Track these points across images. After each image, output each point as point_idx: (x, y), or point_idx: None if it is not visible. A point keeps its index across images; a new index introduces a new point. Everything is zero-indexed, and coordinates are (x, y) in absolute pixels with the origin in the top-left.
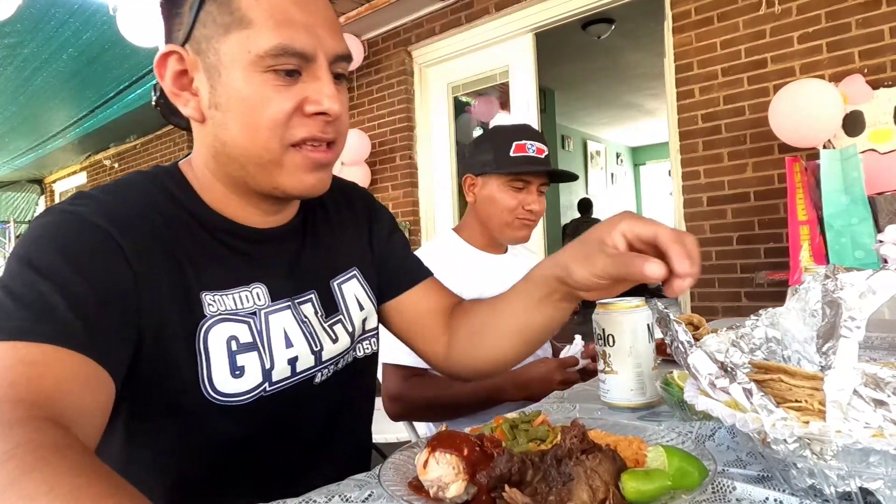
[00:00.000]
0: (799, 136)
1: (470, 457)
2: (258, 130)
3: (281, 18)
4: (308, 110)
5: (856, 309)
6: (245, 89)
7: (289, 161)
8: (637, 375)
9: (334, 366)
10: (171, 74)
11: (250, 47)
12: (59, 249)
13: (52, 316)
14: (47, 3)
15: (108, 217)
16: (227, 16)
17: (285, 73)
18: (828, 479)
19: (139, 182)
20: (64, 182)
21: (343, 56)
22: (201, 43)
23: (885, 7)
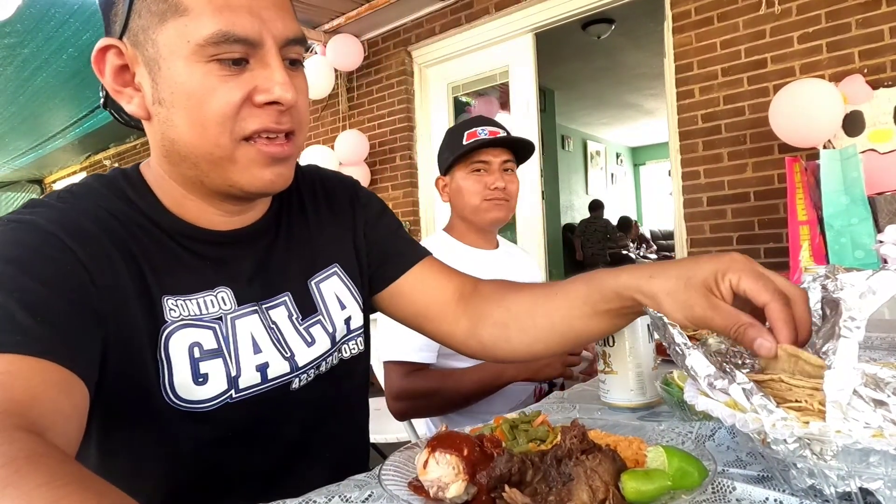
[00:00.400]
0: (799, 136)
1: (470, 457)
2: (206, 125)
3: (220, 2)
4: (258, 100)
5: (856, 309)
6: (188, 82)
7: (241, 156)
8: (637, 376)
9: (315, 370)
10: (110, 70)
11: (189, 36)
12: (11, 259)
13: (12, 325)
14: (47, 3)
15: (59, 224)
16: (162, 3)
17: (231, 62)
18: (828, 479)
19: (94, 188)
20: (64, 182)
21: (295, 39)
22: (138, 35)
23: (885, 7)
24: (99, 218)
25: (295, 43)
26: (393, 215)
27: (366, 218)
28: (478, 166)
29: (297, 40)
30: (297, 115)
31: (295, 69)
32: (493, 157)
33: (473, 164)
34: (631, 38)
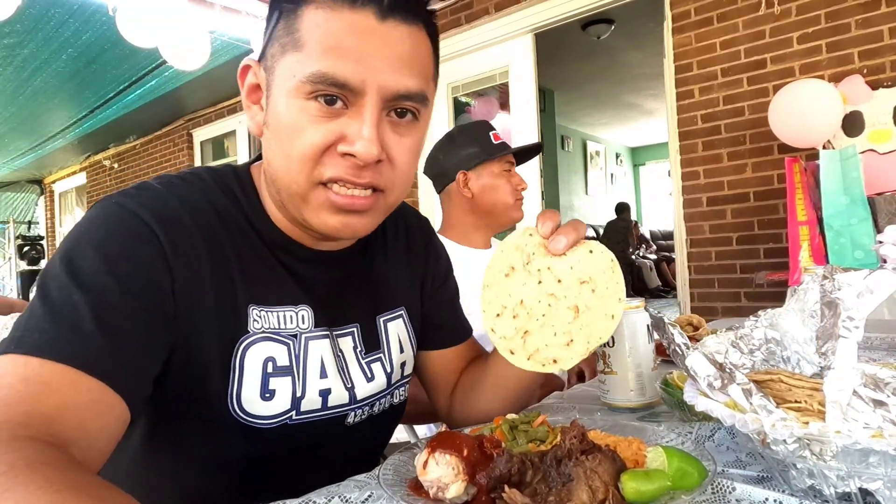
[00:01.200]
0: (798, 136)
1: (470, 457)
2: (290, 160)
3: (331, 45)
4: (340, 149)
5: (854, 309)
6: (284, 114)
7: (313, 198)
8: (637, 376)
9: (369, 408)
10: (247, 87)
11: (295, 71)
12: (100, 255)
13: (77, 334)
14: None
15: (158, 216)
16: (287, 36)
17: (325, 101)
18: (827, 479)
19: (205, 179)
20: (63, 182)
21: (407, 95)
22: (269, 60)
23: (885, 7)
24: (201, 212)
25: (406, 98)
26: (454, 279)
27: (435, 273)
28: (507, 167)
29: (411, 96)
30: (388, 172)
31: (403, 125)
32: (512, 158)
33: (504, 165)
34: (631, 38)
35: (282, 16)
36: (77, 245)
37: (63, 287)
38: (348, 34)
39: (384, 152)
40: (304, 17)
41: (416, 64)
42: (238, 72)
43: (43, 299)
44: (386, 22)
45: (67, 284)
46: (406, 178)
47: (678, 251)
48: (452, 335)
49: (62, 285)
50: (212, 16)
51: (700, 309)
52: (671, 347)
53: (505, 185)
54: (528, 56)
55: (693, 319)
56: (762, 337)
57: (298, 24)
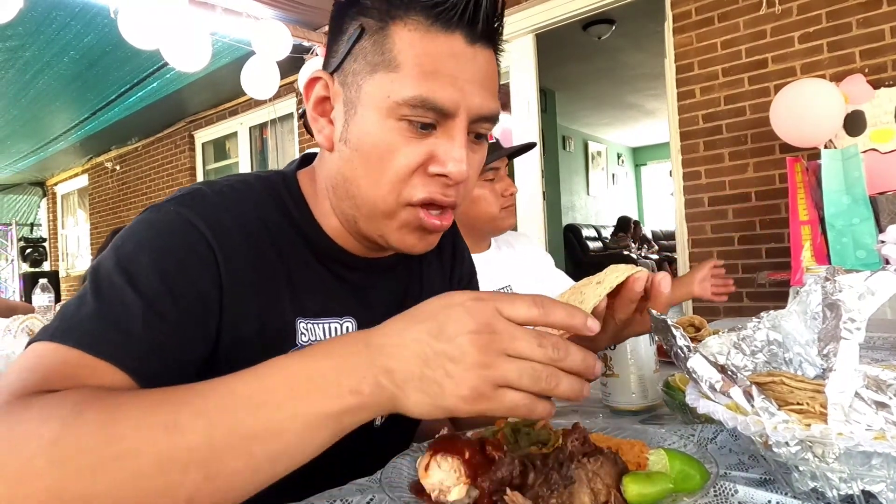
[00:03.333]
0: (800, 135)
1: (471, 460)
2: (381, 178)
3: (429, 69)
4: (431, 170)
5: (855, 310)
6: (375, 133)
7: (402, 217)
8: (639, 378)
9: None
10: (314, 98)
11: (391, 92)
12: (156, 261)
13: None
14: (48, 6)
15: (214, 228)
16: (379, 55)
17: (420, 125)
18: (830, 482)
19: (255, 189)
20: (66, 184)
21: (488, 117)
22: (348, 76)
23: (886, 7)
24: (251, 225)
25: (486, 120)
26: (477, 281)
27: (461, 274)
28: (490, 175)
29: (490, 118)
30: (463, 189)
31: (478, 144)
32: (500, 163)
33: (486, 173)
34: (631, 38)
35: (365, 32)
36: (133, 247)
37: (116, 287)
38: (445, 58)
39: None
40: (395, 37)
41: (493, 86)
42: (305, 83)
43: (95, 294)
44: (474, 46)
45: (121, 285)
46: (470, 192)
47: (680, 251)
48: None
49: (115, 285)
50: (213, 18)
51: (702, 309)
52: (673, 349)
53: (488, 196)
54: (528, 56)
55: (695, 320)
56: (764, 339)
57: (390, 44)
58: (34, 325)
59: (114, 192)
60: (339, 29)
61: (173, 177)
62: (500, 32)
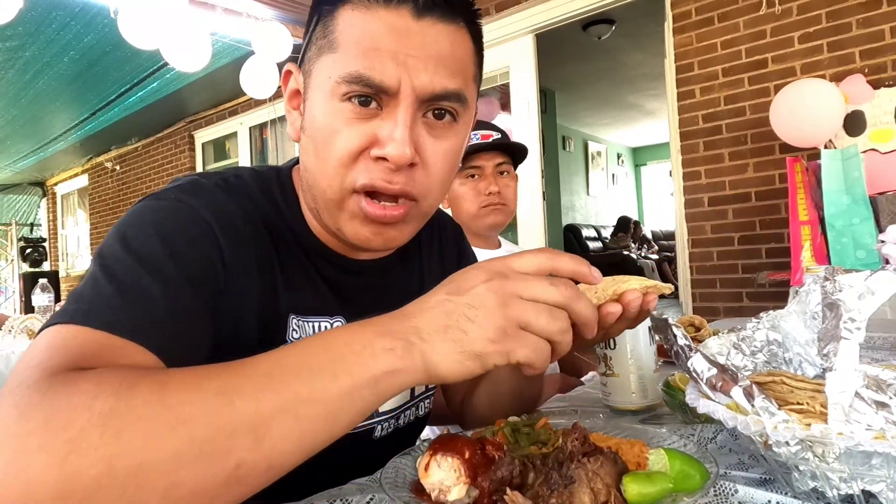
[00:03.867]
0: (800, 136)
1: (471, 460)
2: (326, 164)
3: (367, 45)
4: (373, 153)
5: (855, 310)
6: (320, 117)
7: (347, 207)
8: (638, 378)
9: (395, 420)
10: (289, 92)
11: (331, 72)
12: (161, 238)
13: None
14: (48, 6)
15: (216, 215)
16: (324, 38)
17: (359, 103)
18: (830, 481)
19: (249, 185)
20: (65, 184)
21: (443, 95)
22: (306, 64)
23: (886, 7)
24: (250, 218)
25: (443, 98)
26: None
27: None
28: (472, 171)
29: (447, 95)
30: (422, 178)
31: (440, 127)
32: (485, 161)
33: (467, 170)
34: (631, 38)
35: (320, 19)
36: (141, 231)
37: (130, 269)
38: (384, 34)
39: (418, 155)
40: (339, 18)
41: (453, 63)
42: (281, 77)
43: (109, 278)
44: (422, 20)
45: (136, 268)
46: (442, 184)
47: (679, 251)
48: None
49: (129, 267)
50: (213, 18)
51: (702, 309)
52: (673, 349)
53: (468, 193)
54: (528, 56)
55: (695, 320)
56: (764, 339)
57: (334, 25)
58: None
59: (114, 192)
60: (307, 21)
61: (173, 177)
62: (460, 5)
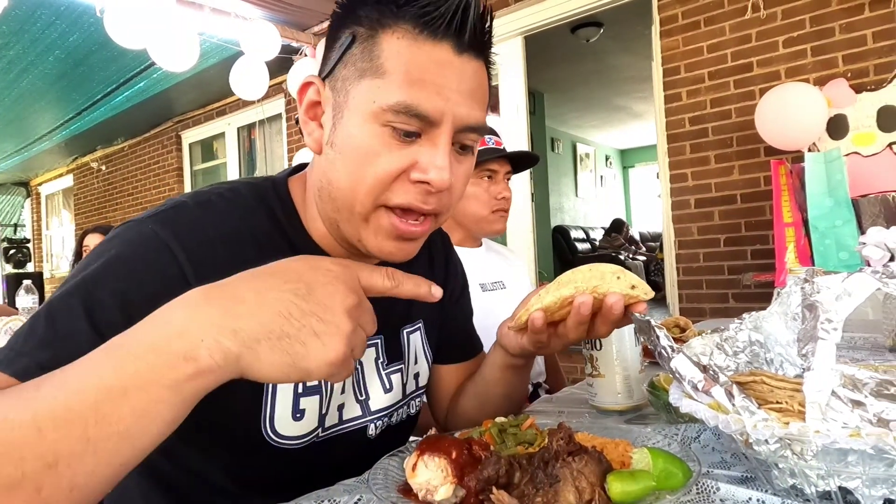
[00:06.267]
0: (784, 139)
1: (458, 460)
2: (360, 182)
3: (415, 76)
4: (413, 177)
5: (832, 311)
6: (358, 137)
7: (374, 220)
8: (624, 379)
9: (388, 419)
10: (306, 102)
11: (376, 97)
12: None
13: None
14: (33, 4)
15: (185, 244)
16: (367, 62)
17: (403, 133)
18: (808, 478)
19: (243, 195)
20: (50, 185)
21: (474, 127)
22: (338, 82)
23: (868, 12)
24: (235, 237)
25: (472, 130)
26: (469, 295)
27: (453, 287)
28: (487, 173)
29: (476, 128)
30: (446, 198)
31: (463, 154)
32: (499, 166)
33: (483, 172)
34: (619, 41)
35: (356, 39)
36: (98, 273)
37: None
38: (430, 66)
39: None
40: (384, 44)
41: (482, 97)
42: (298, 87)
43: (48, 320)
44: (462, 56)
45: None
46: (456, 202)
47: (667, 252)
48: (465, 351)
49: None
50: (201, 17)
51: (688, 310)
52: (657, 350)
53: (482, 195)
54: (517, 58)
55: (680, 321)
56: (746, 339)
57: (378, 51)
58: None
59: (99, 192)
60: (334, 37)
61: (160, 177)
62: (489, 44)
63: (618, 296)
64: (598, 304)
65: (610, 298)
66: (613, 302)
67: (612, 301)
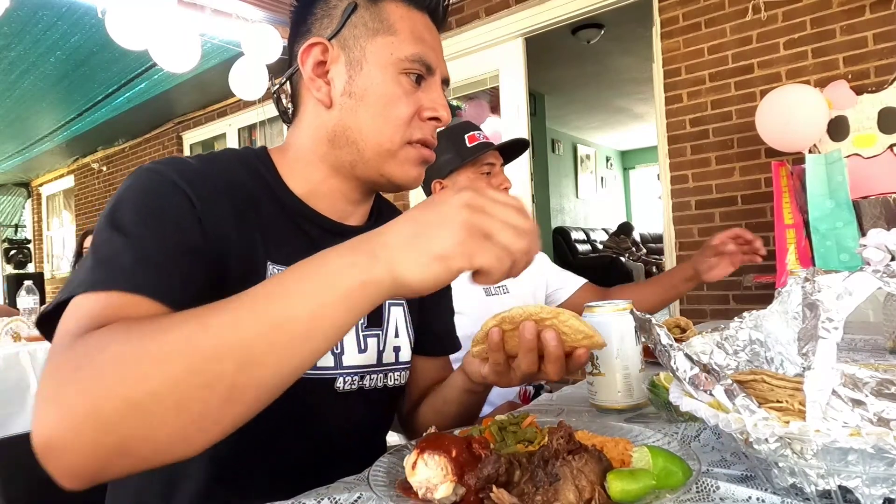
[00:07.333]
0: (785, 140)
1: (458, 458)
2: (387, 123)
3: (419, 35)
4: (425, 115)
5: (833, 310)
6: (381, 85)
7: (403, 154)
8: (624, 378)
9: (360, 379)
10: (312, 62)
11: (393, 51)
12: (137, 209)
13: (122, 268)
14: (35, 5)
15: (188, 180)
16: (378, 23)
17: (415, 78)
18: (808, 477)
19: (229, 158)
20: (51, 185)
21: (447, 81)
22: (348, 40)
23: (869, 14)
24: (226, 183)
25: (446, 83)
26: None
27: None
28: (487, 168)
29: (447, 81)
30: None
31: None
32: (495, 159)
33: (483, 167)
34: (620, 43)
35: (358, 7)
36: (118, 207)
37: (107, 240)
38: (425, 30)
39: None
40: (388, 9)
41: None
42: (302, 49)
43: (93, 253)
44: (436, 27)
45: (110, 236)
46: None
47: (667, 254)
48: (444, 345)
49: (105, 239)
50: (202, 19)
51: (689, 311)
52: (657, 349)
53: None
54: (518, 60)
55: (680, 322)
56: (746, 338)
57: (385, 14)
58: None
59: (100, 193)
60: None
61: None
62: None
63: (553, 333)
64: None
65: (545, 334)
66: (548, 338)
67: (546, 337)
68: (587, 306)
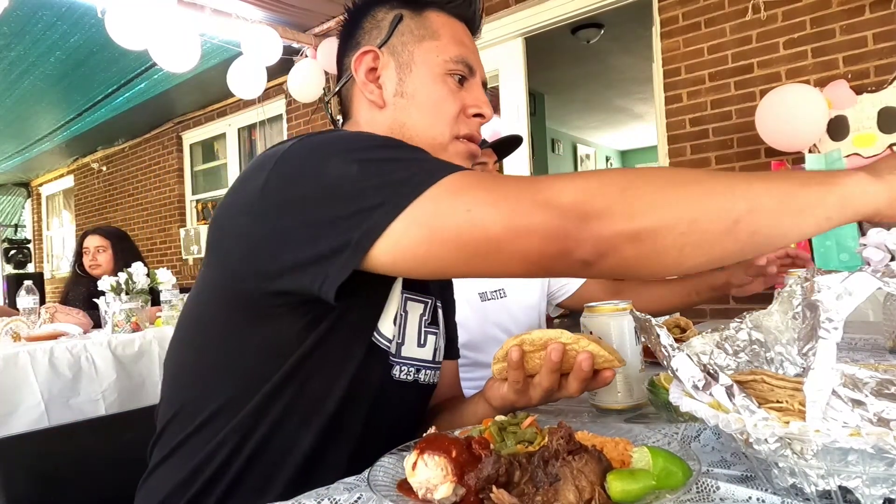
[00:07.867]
0: (785, 140)
1: (458, 458)
2: (436, 119)
3: (459, 40)
4: (470, 112)
5: (833, 310)
6: (430, 85)
7: (452, 148)
8: (624, 378)
9: (415, 371)
10: (364, 68)
11: (439, 53)
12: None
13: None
14: (35, 5)
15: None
16: (423, 29)
17: (458, 78)
18: (808, 478)
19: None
20: (51, 185)
21: (486, 83)
22: (397, 47)
23: (869, 14)
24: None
25: (484, 86)
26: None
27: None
28: (480, 167)
29: (485, 84)
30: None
31: None
32: (488, 157)
33: (476, 166)
34: (620, 42)
35: (404, 17)
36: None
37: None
38: (464, 37)
39: None
40: (431, 18)
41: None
42: (355, 57)
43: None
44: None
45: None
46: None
47: None
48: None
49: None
50: (202, 18)
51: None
52: (657, 349)
53: None
54: (518, 60)
55: (680, 322)
56: (746, 338)
57: (429, 22)
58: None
59: (100, 193)
60: (373, 17)
61: (160, 178)
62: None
63: (587, 354)
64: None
65: (580, 356)
66: (582, 359)
67: (581, 358)
68: (587, 306)
